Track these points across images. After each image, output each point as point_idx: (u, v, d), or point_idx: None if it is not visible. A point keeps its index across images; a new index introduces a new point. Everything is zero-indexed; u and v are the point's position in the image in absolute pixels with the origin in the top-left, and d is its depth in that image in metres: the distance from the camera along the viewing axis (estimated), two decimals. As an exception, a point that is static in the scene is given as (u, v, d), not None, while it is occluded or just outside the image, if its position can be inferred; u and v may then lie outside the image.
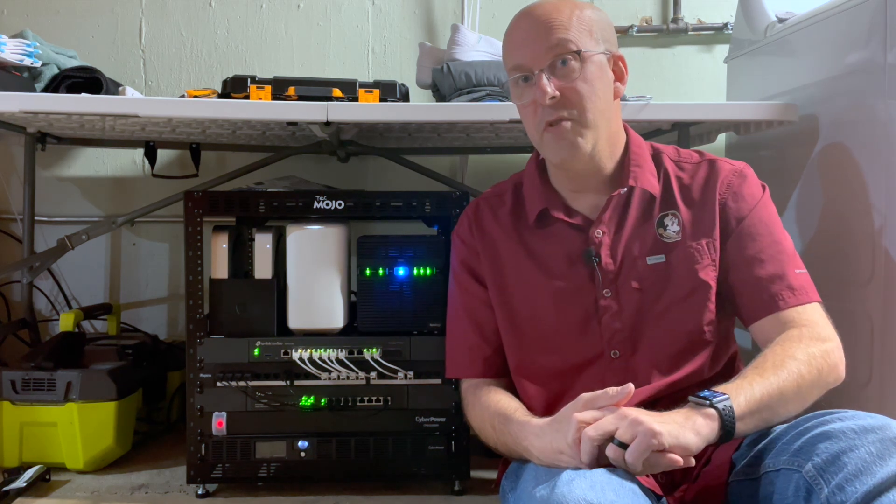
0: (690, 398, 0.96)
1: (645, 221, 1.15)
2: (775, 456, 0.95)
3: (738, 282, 1.13)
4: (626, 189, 1.15)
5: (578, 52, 1.09)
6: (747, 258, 1.12)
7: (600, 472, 0.90)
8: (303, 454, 1.53)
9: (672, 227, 1.14)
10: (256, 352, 1.53)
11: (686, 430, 0.91)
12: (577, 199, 1.18)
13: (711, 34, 2.31)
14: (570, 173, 1.17)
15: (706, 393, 0.95)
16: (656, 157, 1.20)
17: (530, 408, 1.14)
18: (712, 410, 0.93)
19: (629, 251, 1.14)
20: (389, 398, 1.54)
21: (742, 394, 0.96)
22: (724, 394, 0.95)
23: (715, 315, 1.13)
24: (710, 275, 1.13)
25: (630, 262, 1.14)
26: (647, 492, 1.00)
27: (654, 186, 1.16)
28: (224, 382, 1.52)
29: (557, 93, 1.08)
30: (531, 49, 1.10)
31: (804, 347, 1.03)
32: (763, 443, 0.99)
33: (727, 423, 0.93)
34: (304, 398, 1.53)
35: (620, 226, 1.15)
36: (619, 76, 1.16)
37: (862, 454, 0.85)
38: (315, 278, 1.56)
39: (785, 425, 0.99)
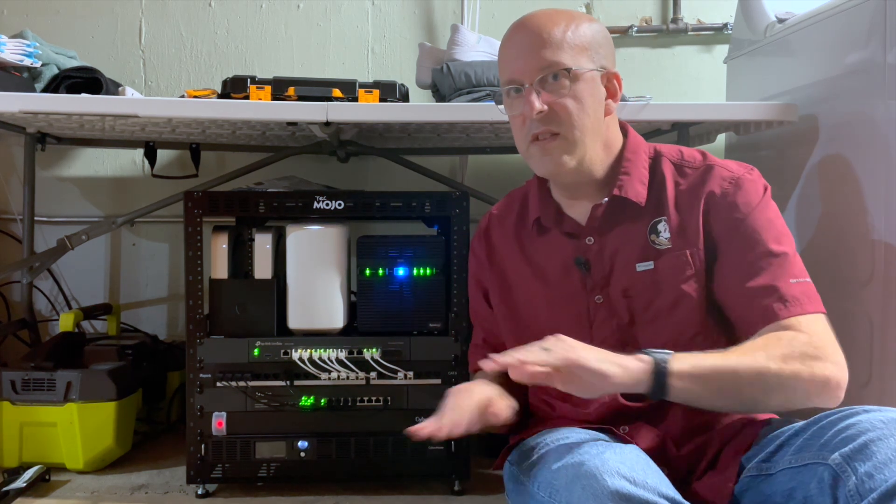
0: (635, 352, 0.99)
1: (636, 228, 1.14)
2: (797, 452, 0.94)
3: (728, 296, 1.09)
4: (607, 199, 1.14)
5: (569, 70, 1.07)
6: (736, 270, 1.08)
7: (630, 449, 0.94)
8: (303, 454, 1.53)
9: (664, 234, 1.12)
10: (256, 352, 1.53)
11: (609, 361, 0.94)
12: (572, 207, 1.18)
13: (711, 34, 2.31)
14: (561, 183, 1.18)
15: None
16: (655, 162, 1.17)
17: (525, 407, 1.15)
18: (647, 356, 0.97)
19: (619, 258, 1.13)
20: (389, 398, 1.54)
21: (690, 359, 0.98)
22: (668, 351, 0.98)
23: (703, 327, 1.10)
24: (692, 287, 1.09)
25: (620, 268, 1.13)
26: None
27: (640, 195, 1.13)
28: (224, 382, 1.52)
29: (545, 107, 1.08)
30: (523, 63, 1.09)
31: (783, 347, 0.98)
32: (779, 441, 0.99)
33: (659, 373, 0.95)
34: (304, 398, 1.53)
35: (611, 232, 1.14)
36: (612, 93, 1.14)
37: (893, 444, 0.84)
38: (315, 278, 1.56)
39: (804, 422, 0.98)
